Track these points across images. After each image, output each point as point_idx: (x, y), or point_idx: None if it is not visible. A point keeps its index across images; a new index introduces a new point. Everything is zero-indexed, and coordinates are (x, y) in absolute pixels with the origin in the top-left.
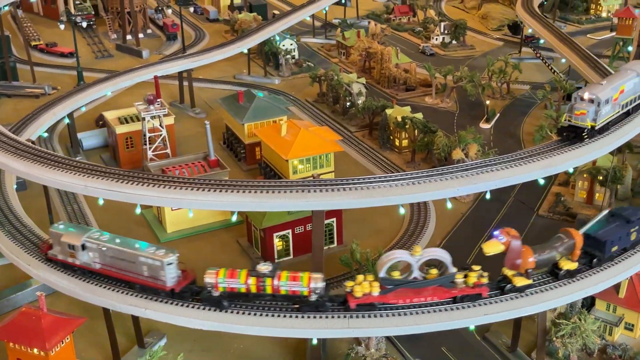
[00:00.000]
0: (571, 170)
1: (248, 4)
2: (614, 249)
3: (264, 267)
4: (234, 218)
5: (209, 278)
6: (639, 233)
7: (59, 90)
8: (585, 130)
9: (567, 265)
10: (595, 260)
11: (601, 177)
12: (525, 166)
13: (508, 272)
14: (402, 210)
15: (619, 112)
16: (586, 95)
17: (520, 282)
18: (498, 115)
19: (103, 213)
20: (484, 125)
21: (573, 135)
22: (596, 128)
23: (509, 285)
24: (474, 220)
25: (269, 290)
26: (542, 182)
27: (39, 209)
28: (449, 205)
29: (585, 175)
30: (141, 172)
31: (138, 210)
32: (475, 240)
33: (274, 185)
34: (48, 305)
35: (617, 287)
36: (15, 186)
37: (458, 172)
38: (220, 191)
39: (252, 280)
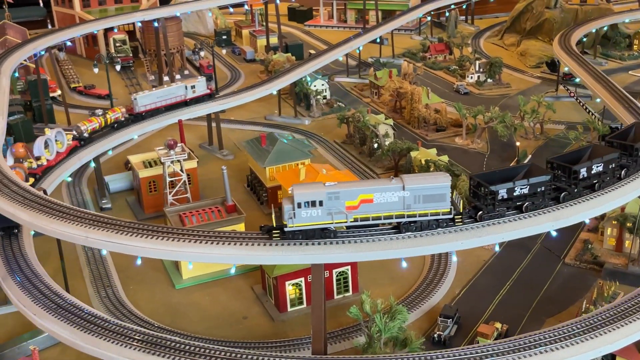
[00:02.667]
0: (587, 221)
1: (284, 44)
2: None
3: None
4: (232, 270)
5: None
6: None
7: None
8: None
9: None
10: None
11: (630, 224)
12: (534, 218)
13: None
14: (404, 264)
15: None
16: None
17: None
18: (530, 156)
19: (122, 256)
20: None
21: None
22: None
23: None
24: (497, 268)
25: None
26: (554, 234)
27: (55, 253)
28: (455, 259)
29: (614, 222)
30: (141, 223)
31: (139, 262)
32: (497, 289)
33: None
34: (56, 355)
35: (638, 345)
36: (32, 232)
37: (464, 224)
38: (218, 244)
39: None
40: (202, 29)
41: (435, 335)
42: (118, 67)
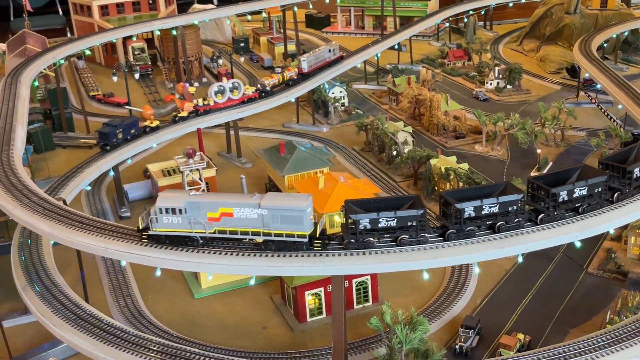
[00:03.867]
0: (612, 232)
1: (302, 52)
2: None
3: None
4: (252, 281)
5: None
6: None
7: None
8: None
9: None
10: None
11: None
12: (559, 228)
13: None
14: (425, 276)
15: None
16: None
17: None
18: (551, 164)
19: (141, 265)
20: (535, 175)
21: None
22: None
23: None
24: (519, 278)
25: None
26: (578, 244)
27: (75, 262)
28: (477, 270)
29: (638, 231)
30: None
31: (158, 273)
32: (519, 300)
33: (290, 249)
34: None
35: None
36: (52, 242)
37: (486, 235)
38: (237, 255)
39: None
40: (220, 36)
41: (457, 347)
42: (137, 75)
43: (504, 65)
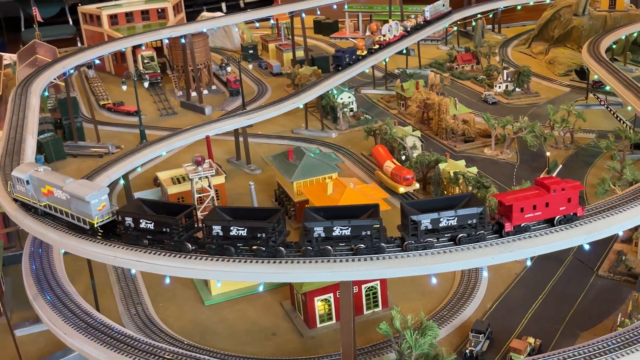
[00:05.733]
0: (620, 234)
1: (310, 57)
2: None
3: None
4: (261, 288)
5: None
6: None
7: (122, 148)
8: None
9: None
10: None
11: None
12: (567, 232)
13: None
14: (434, 281)
15: None
16: None
17: None
18: (560, 166)
19: (151, 273)
20: None
21: None
22: None
23: None
24: (529, 281)
25: None
26: (587, 247)
27: (86, 271)
28: (486, 274)
29: None
30: None
31: (167, 281)
32: (529, 303)
33: (298, 255)
34: None
35: None
36: (62, 251)
37: (494, 239)
38: (245, 262)
39: None
40: (229, 44)
41: (467, 351)
42: (146, 84)
43: (513, 68)
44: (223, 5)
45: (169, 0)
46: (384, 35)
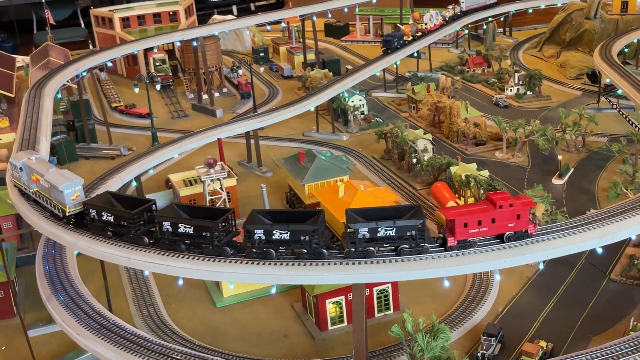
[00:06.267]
0: (633, 238)
1: (321, 60)
2: None
3: None
4: (273, 290)
5: None
6: None
7: (134, 151)
8: None
9: None
10: None
11: None
12: (579, 235)
13: None
14: (446, 283)
15: None
16: None
17: None
18: (572, 170)
19: (163, 275)
20: (557, 181)
21: None
22: None
23: None
24: (540, 285)
25: None
26: (599, 251)
27: (98, 272)
28: (498, 277)
29: None
30: None
31: (180, 282)
32: (541, 307)
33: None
34: None
35: None
36: (75, 252)
37: (506, 242)
38: (259, 264)
39: None
40: (240, 46)
41: (479, 355)
42: (158, 87)
43: (524, 71)
44: (234, 8)
45: (180, 3)
46: (425, 24)
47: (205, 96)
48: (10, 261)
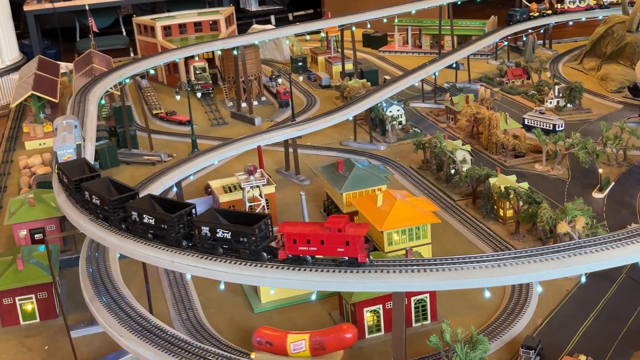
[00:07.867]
0: None
1: (359, 70)
2: None
3: None
4: (313, 297)
5: None
6: None
7: (174, 157)
8: None
9: None
10: None
11: None
12: (624, 248)
13: None
14: (487, 294)
15: None
16: None
17: None
18: (613, 184)
19: (203, 279)
20: (597, 195)
21: None
22: None
23: None
24: (580, 298)
25: None
26: None
27: (139, 276)
28: (539, 289)
29: None
30: None
31: (222, 287)
32: (580, 320)
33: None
34: None
35: None
36: (118, 255)
37: (548, 254)
38: (299, 270)
39: None
40: (279, 56)
41: None
42: (199, 94)
43: (564, 83)
44: (272, 18)
45: (221, 12)
46: (570, 3)
47: (244, 104)
48: (54, 263)
